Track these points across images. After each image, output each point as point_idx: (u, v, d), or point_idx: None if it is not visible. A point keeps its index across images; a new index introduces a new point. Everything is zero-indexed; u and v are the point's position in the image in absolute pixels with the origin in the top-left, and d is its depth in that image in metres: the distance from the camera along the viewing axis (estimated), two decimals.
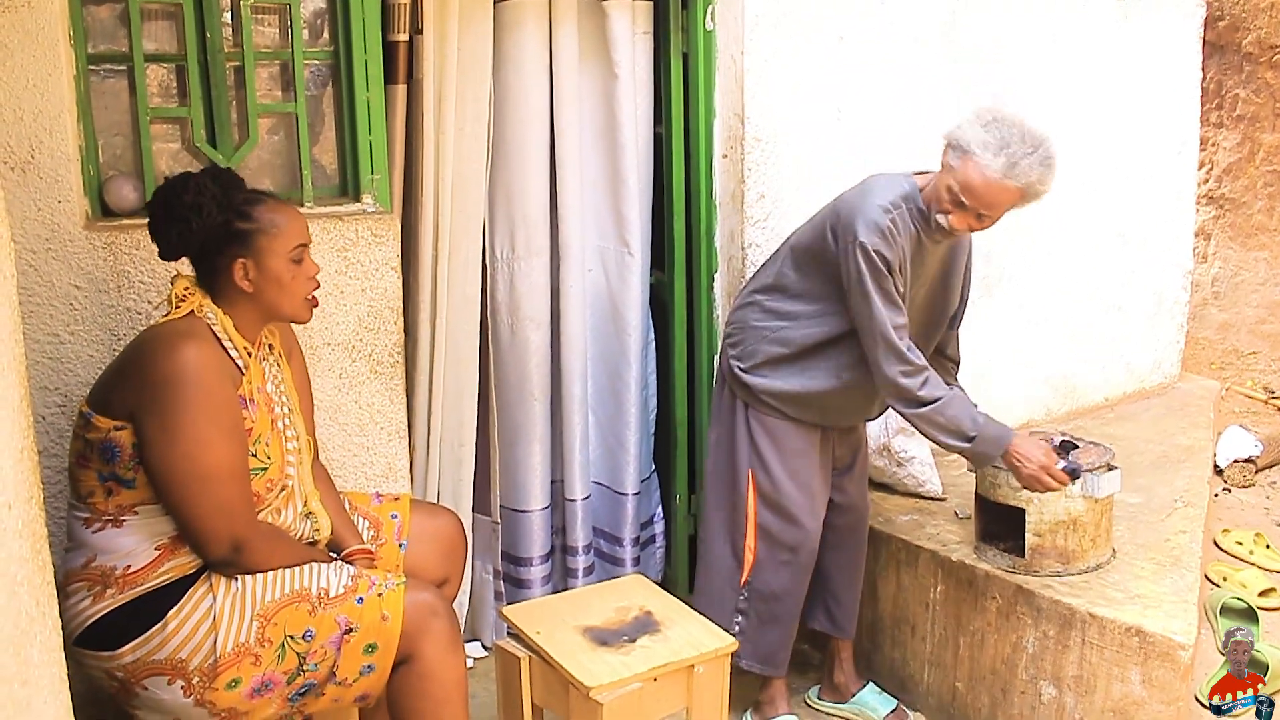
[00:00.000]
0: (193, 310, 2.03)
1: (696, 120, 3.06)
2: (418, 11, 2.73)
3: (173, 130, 2.58)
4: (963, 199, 2.36)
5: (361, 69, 2.56)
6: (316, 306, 2.16)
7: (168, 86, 2.58)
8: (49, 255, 2.30)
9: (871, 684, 2.88)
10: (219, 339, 2.03)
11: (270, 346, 2.19)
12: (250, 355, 2.09)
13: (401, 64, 2.76)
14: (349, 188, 2.67)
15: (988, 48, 3.39)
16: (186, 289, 2.05)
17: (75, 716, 1.30)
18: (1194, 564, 2.72)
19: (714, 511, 2.75)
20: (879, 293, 2.39)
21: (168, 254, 2.07)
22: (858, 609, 2.88)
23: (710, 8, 2.99)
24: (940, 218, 2.41)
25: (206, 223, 2.00)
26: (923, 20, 3.25)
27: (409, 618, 2.06)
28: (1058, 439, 2.73)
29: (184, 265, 2.12)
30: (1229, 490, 3.86)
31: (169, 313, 2.03)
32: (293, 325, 2.32)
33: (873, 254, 2.38)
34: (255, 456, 2.05)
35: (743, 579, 2.70)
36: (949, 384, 2.56)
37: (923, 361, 2.46)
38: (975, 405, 2.53)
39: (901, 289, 2.44)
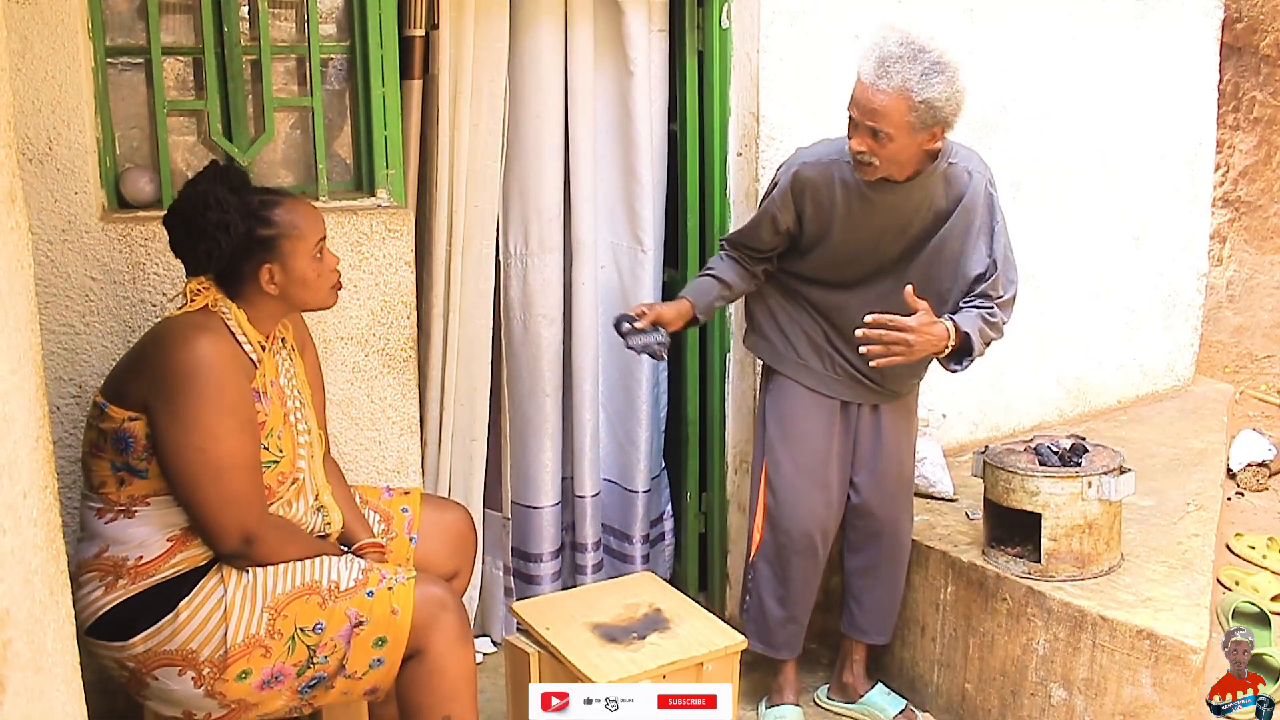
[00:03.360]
0: (207, 304, 2.04)
1: (711, 118, 3.05)
2: (434, 7, 2.73)
3: (189, 123, 2.59)
4: (850, 114, 2.35)
5: (377, 63, 2.56)
6: (341, 289, 2.19)
7: (185, 79, 2.59)
8: (65, 246, 2.32)
9: (880, 684, 2.88)
10: (233, 333, 2.04)
11: (283, 340, 2.20)
12: (264, 349, 2.10)
13: (417, 59, 2.76)
14: (364, 182, 2.68)
15: (1004, 46, 3.37)
16: (201, 283, 2.06)
17: (86, 705, 1.30)
18: (1206, 567, 2.70)
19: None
20: (759, 207, 2.65)
21: (195, 270, 2.06)
22: (886, 618, 2.84)
23: (726, 5, 2.98)
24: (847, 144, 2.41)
25: (234, 238, 2.00)
26: (939, 18, 3.23)
27: (419, 611, 2.06)
28: (1067, 441, 2.73)
29: None
30: (1242, 494, 3.84)
31: (184, 305, 2.04)
32: (305, 319, 2.33)
33: (773, 179, 2.61)
34: (267, 450, 2.06)
35: (749, 557, 2.79)
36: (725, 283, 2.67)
37: (728, 254, 2.70)
38: (714, 281, 2.66)
39: (787, 227, 2.57)
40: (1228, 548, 3.41)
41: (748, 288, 2.72)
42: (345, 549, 2.22)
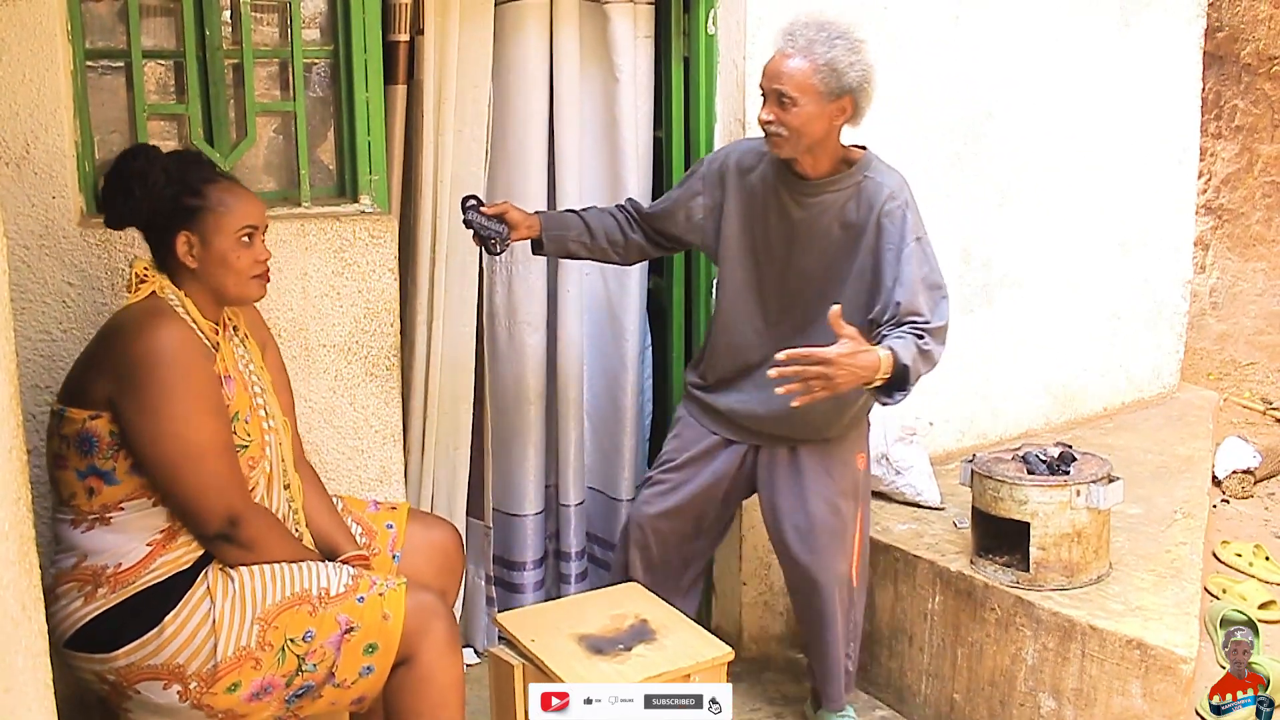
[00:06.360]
0: (154, 291, 2.00)
1: (697, 125, 3.04)
2: (418, 11, 2.71)
3: (170, 128, 2.55)
4: (760, 87, 2.38)
5: (361, 69, 2.54)
6: (268, 282, 2.12)
7: (165, 84, 2.56)
8: (42, 252, 2.28)
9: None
10: (183, 319, 2.00)
11: (234, 327, 2.17)
12: (218, 334, 2.07)
13: (401, 64, 2.74)
14: (347, 188, 2.65)
15: (990, 53, 3.37)
16: (145, 269, 2.03)
17: None
18: (1195, 576, 2.70)
19: None
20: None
21: (112, 221, 2.06)
22: (828, 674, 2.67)
23: (712, 12, 2.97)
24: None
25: (152, 193, 1.99)
26: (925, 27, 3.23)
27: (410, 617, 2.04)
28: (1055, 449, 2.72)
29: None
30: (1227, 501, 3.85)
31: (131, 295, 2.01)
32: (274, 321, 2.30)
33: (701, 160, 2.67)
34: (236, 435, 2.02)
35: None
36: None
37: (619, 208, 2.68)
38: (577, 219, 2.64)
39: (700, 217, 2.56)
40: (1214, 555, 3.41)
41: (609, 248, 2.65)
42: (328, 560, 2.18)
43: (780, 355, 2.17)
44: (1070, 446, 2.75)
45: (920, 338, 2.25)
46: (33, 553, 1.20)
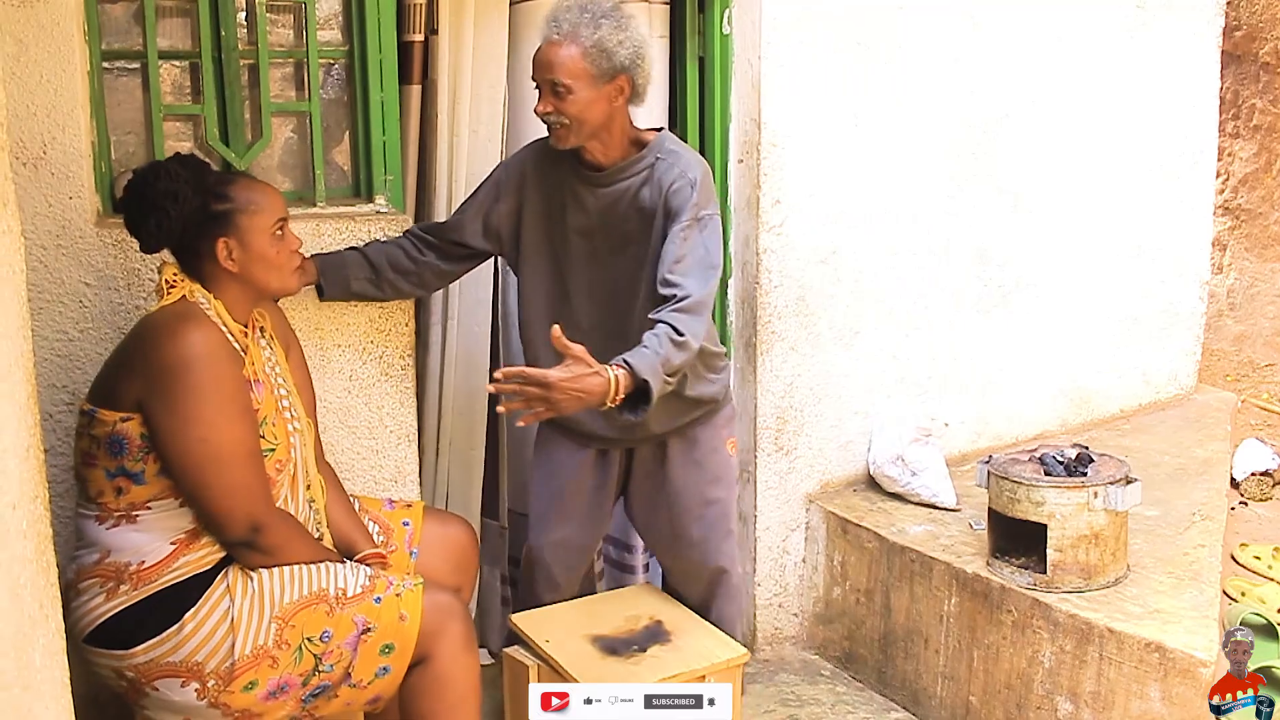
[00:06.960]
0: (184, 295, 2.01)
1: (712, 125, 3.03)
2: (433, 12, 2.71)
3: (185, 128, 2.56)
4: (534, 80, 2.28)
5: (376, 69, 2.54)
6: (303, 270, 2.18)
7: (181, 84, 2.57)
8: (59, 252, 2.29)
9: None
10: (214, 322, 2.01)
11: (261, 329, 2.18)
12: (246, 336, 2.08)
13: (416, 64, 2.75)
14: (362, 188, 2.65)
15: (1006, 54, 3.36)
16: (175, 274, 2.04)
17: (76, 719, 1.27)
18: (1214, 579, 2.68)
19: None
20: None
21: (148, 246, 2.07)
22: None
23: (727, 12, 2.96)
24: None
25: (184, 208, 2.00)
26: (941, 26, 3.22)
27: (427, 618, 2.04)
28: (1072, 451, 2.70)
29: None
30: (1245, 504, 3.82)
31: (161, 298, 2.02)
32: (289, 318, 2.30)
33: (501, 163, 2.57)
34: (263, 438, 2.03)
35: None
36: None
37: (404, 236, 2.50)
38: (357, 254, 2.44)
39: (496, 226, 2.44)
40: (1233, 558, 3.38)
41: (398, 279, 2.45)
42: (346, 559, 2.18)
43: (498, 374, 2.11)
44: (1087, 448, 2.73)
45: (675, 328, 2.13)
46: (50, 551, 1.21)
